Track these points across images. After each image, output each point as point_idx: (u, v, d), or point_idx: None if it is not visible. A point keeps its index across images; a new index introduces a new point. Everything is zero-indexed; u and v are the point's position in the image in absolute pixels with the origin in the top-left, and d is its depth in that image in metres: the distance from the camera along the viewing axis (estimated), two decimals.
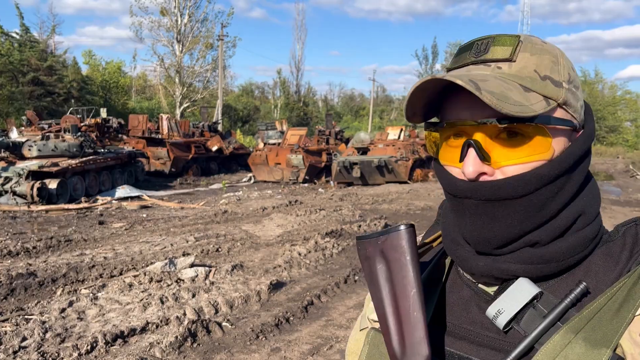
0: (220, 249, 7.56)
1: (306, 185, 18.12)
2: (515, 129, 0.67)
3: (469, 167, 0.67)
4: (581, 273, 0.71)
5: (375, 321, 0.84)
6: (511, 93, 0.64)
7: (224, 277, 6.08)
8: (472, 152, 0.68)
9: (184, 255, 7.00)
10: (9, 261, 6.76)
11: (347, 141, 22.16)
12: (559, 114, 0.69)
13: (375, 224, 9.61)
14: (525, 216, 0.68)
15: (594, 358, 0.62)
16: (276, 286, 5.80)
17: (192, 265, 6.26)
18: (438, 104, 0.73)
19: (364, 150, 18.96)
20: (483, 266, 0.71)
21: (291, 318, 4.95)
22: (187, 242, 8.02)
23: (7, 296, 5.38)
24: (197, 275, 5.95)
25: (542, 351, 0.65)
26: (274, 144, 20.91)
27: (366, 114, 60.18)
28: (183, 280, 5.85)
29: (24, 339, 4.21)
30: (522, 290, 0.69)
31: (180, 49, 37.86)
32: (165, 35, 37.77)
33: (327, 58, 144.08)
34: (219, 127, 28.20)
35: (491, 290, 0.75)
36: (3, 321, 4.58)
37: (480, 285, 0.76)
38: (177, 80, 38.45)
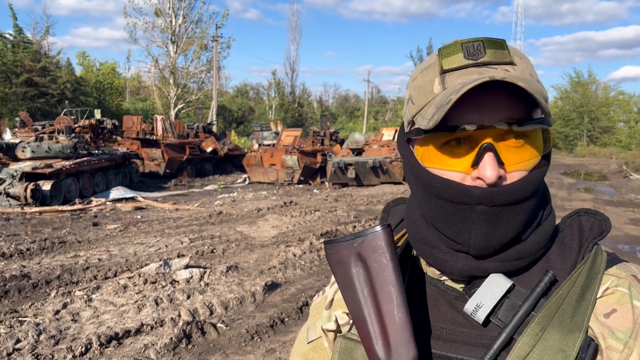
0: (215, 250, 7.56)
1: (301, 186, 18.12)
2: (528, 132, 0.68)
3: (489, 171, 0.66)
4: (542, 264, 0.74)
5: (330, 331, 0.84)
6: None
7: (219, 279, 6.07)
8: (490, 156, 0.67)
9: (178, 256, 6.98)
10: (3, 263, 6.73)
11: (341, 142, 22.19)
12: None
13: (370, 225, 9.62)
14: (523, 218, 0.69)
15: (569, 342, 0.65)
16: (271, 287, 5.80)
17: (186, 267, 6.26)
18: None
19: (358, 151, 18.97)
20: (462, 267, 0.71)
21: (286, 319, 4.95)
22: (182, 243, 8.01)
23: (1, 298, 5.35)
24: (191, 277, 5.95)
25: (521, 341, 0.66)
26: (269, 145, 20.90)
27: (361, 114, 60.24)
28: (178, 281, 5.84)
29: (18, 341, 4.20)
30: (497, 284, 0.70)
31: (175, 50, 37.75)
32: (160, 36, 37.65)
33: (322, 59, 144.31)
34: (214, 128, 28.14)
35: (459, 286, 0.75)
36: None
37: (447, 283, 0.76)
38: (171, 81, 38.34)
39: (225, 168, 23.33)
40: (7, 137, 14.27)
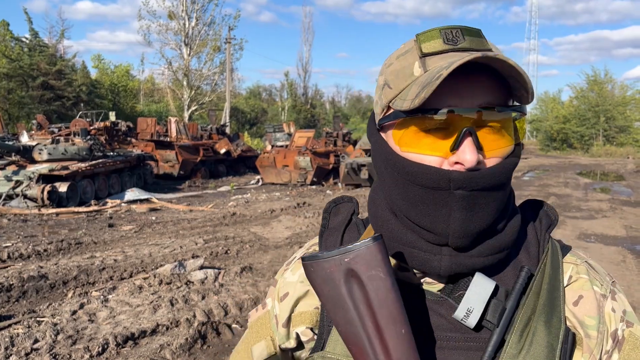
0: (229, 251, 7.59)
1: (314, 187, 18.13)
2: (503, 120, 0.69)
3: (470, 155, 0.65)
4: (513, 256, 0.75)
5: (288, 349, 0.82)
6: None
7: (233, 279, 6.10)
8: (470, 140, 0.66)
9: (193, 257, 7.02)
10: (21, 264, 6.82)
11: (354, 143, 22.13)
12: None
13: None
14: (498, 206, 0.70)
15: (554, 336, 0.68)
16: None
17: (201, 268, 6.29)
18: None
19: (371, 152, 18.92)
20: (447, 265, 0.69)
21: None
22: (196, 244, 8.06)
23: (19, 298, 5.43)
24: (206, 278, 5.98)
25: (511, 340, 0.67)
26: (282, 146, 20.93)
27: None
28: (192, 282, 5.87)
29: (36, 341, 4.25)
30: (482, 286, 0.69)
31: (188, 52, 38.03)
32: (173, 38, 37.99)
33: (334, 60, 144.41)
34: (227, 130, 28.28)
35: (436, 289, 0.74)
36: (15, 323, 4.62)
37: (424, 287, 0.74)
38: (185, 83, 38.62)
39: (239, 169, 23.42)
40: (24, 139, 14.45)
